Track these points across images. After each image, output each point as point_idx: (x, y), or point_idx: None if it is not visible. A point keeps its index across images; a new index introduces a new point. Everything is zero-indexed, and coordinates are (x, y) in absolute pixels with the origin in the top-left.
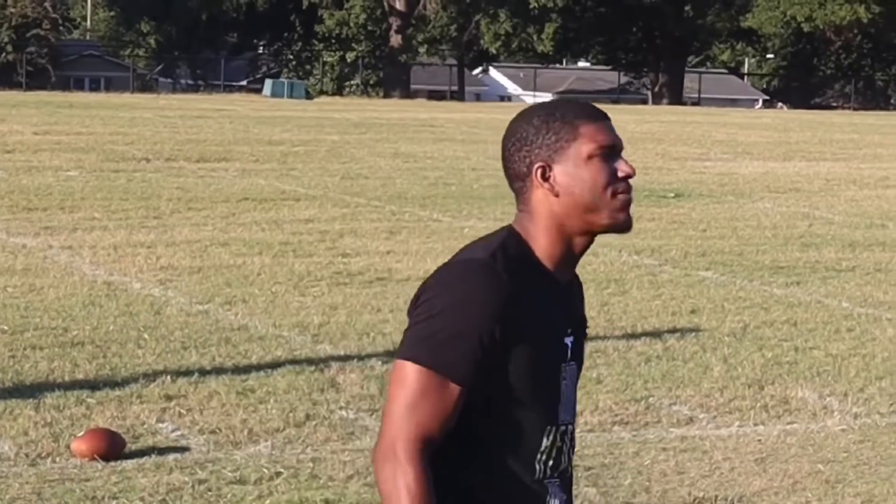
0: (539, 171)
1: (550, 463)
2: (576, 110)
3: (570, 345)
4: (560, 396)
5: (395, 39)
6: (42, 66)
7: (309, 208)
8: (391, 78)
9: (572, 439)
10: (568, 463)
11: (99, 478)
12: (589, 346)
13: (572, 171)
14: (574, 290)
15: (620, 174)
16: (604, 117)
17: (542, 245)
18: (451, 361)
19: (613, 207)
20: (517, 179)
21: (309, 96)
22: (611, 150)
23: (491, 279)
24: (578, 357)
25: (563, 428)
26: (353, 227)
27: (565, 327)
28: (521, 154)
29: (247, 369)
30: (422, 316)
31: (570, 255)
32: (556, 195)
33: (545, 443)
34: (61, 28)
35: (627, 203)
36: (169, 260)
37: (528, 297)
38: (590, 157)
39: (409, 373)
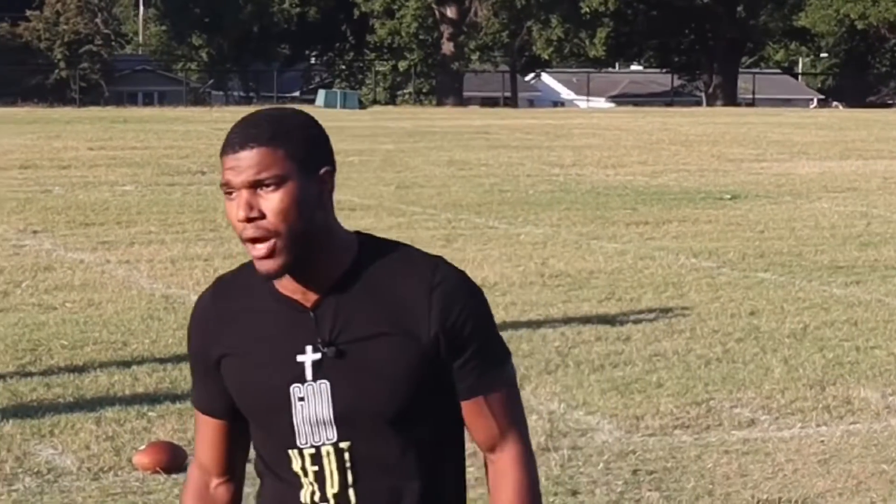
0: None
1: (315, 487)
2: (229, 136)
3: (309, 363)
4: (292, 418)
5: (447, 47)
6: (95, 81)
7: (365, 217)
8: (444, 86)
9: (354, 460)
10: (344, 486)
11: (161, 490)
12: (648, 350)
13: None
14: (339, 308)
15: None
16: (233, 148)
17: None
18: (195, 393)
19: (251, 253)
20: None
21: (362, 106)
22: (228, 187)
23: (198, 308)
24: (342, 373)
25: (311, 451)
26: (410, 235)
27: (301, 346)
28: None
29: None
30: None
31: (288, 280)
32: None
33: (296, 465)
34: (113, 44)
35: (260, 255)
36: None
37: (244, 319)
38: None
39: None
